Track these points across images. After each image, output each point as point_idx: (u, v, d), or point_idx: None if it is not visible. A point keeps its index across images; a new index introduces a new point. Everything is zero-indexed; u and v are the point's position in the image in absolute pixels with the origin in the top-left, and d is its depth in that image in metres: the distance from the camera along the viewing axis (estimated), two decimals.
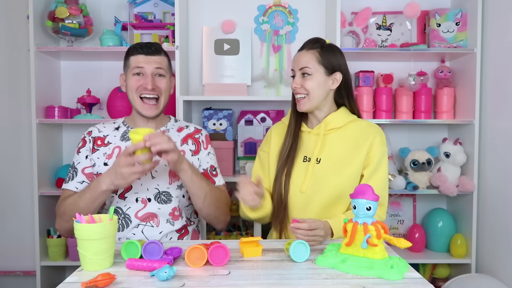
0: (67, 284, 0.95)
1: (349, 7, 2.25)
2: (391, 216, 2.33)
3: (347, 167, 1.39)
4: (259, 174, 1.50)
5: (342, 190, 1.38)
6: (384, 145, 1.43)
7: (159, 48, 1.45)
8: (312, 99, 1.40)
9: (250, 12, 2.28)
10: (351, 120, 1.45)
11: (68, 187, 1.46)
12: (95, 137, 1.49)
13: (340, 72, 1.43)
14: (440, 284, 2.13)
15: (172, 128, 1.54)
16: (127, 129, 1.50)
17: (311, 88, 1.39)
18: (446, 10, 2.15)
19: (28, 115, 2.20)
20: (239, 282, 0.96)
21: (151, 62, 1.41)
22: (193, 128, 1.58)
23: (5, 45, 2.26)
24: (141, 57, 1.41)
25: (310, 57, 1.40)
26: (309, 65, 1.40)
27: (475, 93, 2.03)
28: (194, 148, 1.52)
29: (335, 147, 1.42)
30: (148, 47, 1.42)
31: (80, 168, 1.46)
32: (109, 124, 1.54)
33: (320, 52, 1.41)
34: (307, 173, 1.40)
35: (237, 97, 2.07)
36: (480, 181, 2.06)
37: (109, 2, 2.27)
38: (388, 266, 1.00)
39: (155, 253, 1.08)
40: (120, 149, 1.45)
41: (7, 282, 2.31)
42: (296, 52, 1.47)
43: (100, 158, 1.45)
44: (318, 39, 1.46)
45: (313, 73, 1.39)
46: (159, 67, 1.43)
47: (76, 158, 1.49)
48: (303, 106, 1.42)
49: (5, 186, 2.29)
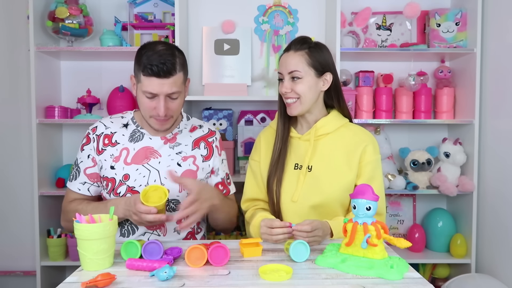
0: (67, 284, 0.95)
1: (349, 7, 2.25)
2: (391, 216, 2.33)
3: (339, 176, 1.35)
4: (252, 184, 1.48)
5: (334, 199, 1.36)
6: (377, 153, 1.40)
7: (174, 65, 1.28)
8: (303, 103, 1.35)
9: (250, 12, 2.28)
10: (343, 125, 1.41)
11: (71, 187, 1.44)
12: (101, 134, 1.42)
13: (330, 72, 1.38)
14: (440, 284, 2.13)
15: (185, 128, 1.49)
16: (136, 128, 1.44)
17: (302, 92, 1.34)
18: (446, 10, 2.15)
19: (28, 115, 2.20)
20: (239, 282, 0.96)
21: (165, 85, 1.28)
22: (207, 129, 1.52)
23: (5, 45, 2.26)
24: (154, 81, 1.27)
25: (299, 60, 1.34)
26: (298, 68, 1.33)
27: (475, 93, 2.03)
28: (205, 153, 1.47)
29: (326, 154, 1.38)
30: (161, 68, 1.25)
31: (83, 168, 1.43)
32: (117, 119, 1.47)
33: (308, 53, 1.34)
34: (299, 182, 1.37)
35: (237, 97, 2.07)
36: (480, 181, 2.06)
37: (109, 2, 2.27)
38: (388, 266, 1.00)
39: (155, 253, 1.08)
40: (128, 151, 1.40)
41: (7, 282, 2.31)
42: (282, 53, 1.40)
43: (107, 160, 1.40)
44: (304, 39, 1.38)
45: (303, 76, 1.33)
46: (173, 91, 1.30)
47: (79, 156, 1.44)
48: (294, 111, 1.37)
49: (5, 186, 2.29)
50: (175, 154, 1.42)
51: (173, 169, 1.39)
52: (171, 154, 1.42)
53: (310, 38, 1.39)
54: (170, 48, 1.31)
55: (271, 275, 0.97)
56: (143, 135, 1.42)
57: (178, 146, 1.44)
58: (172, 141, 1.44)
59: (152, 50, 1.28)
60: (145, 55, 1.28)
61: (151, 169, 1.39)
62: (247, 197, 1.49)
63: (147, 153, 1.40)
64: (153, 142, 1.42)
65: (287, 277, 0.97)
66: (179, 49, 1.36)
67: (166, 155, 1.41)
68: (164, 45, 1.31)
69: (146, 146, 1.41)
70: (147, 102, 1.31)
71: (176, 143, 1.44)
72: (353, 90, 2.14)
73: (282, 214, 1.40)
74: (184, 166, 1.42)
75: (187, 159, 1.43)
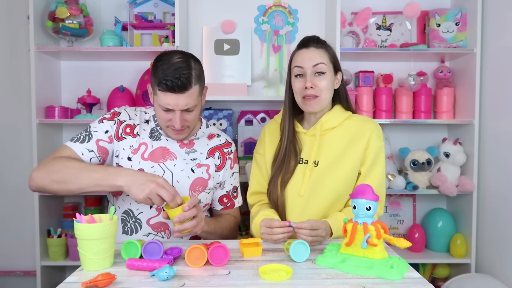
0: (67, 284, 0.95)
1: (349, 7, 2.25)
2: (391, 216, 2.33)
3: (343, 166, 1.36)
4: (258, 177, 1.48)
5: (340, 191, 1.37)
6: (381, 140, 1.40)
7: (189, 78, 1.26)
8: (323, 100, 1.37)
9: (250, 12, 2.28)
10: (347, 117, 1.43)
11: (73, 147, 1.33)
12: (123, 122, 1.40)
13: (340, 71, 1.42)
14: (440, 284, 2.13)
15: (203, 136, 1.48)
16: (155, 127, 1.43)
17: (325, 88, 1.35)
18: (446, 10, 2.15)
19: (28, 115, 2.20)
20: (239, 282, 0.96)
21: (180, 100, 1.26)
22: (224, 139, 1.51)
23: (5, 45, 2.26)
24: (169, 96, 1.25)
25: (324, 54, 1.36)
26: (324, 60, 1.35)
27: (475, 93, 2.03)
28: (219, 163, 1.47)
29: (332, 147, 1.39)
30: (176, 83, 1.23)
31: (95, 138, 1.35)
32: (140, 112, 1.45)
33: (328, 51, 1.38)
34: (305, 176, 1.37)
35: (237, 97, 2.07)
36: (480, 181, 2.06)
37: (109, 2, 2.27)
38: (388, 266, 1.00)
39: (155, 253, 1.08)
40: (147, 147, 1.38)
41: (7, 282, 2.31)
42: (297, 50, 1.40)
43: (126, 150, 1.37)
44: (318, 38, 1.41)
45: (327, 71, 1.35)
46: (188, 106, 1.29)
47: (95, 125, 1.38)
48: (315, 106, 1.36)
49: (5, 186, 2.30)
50: (190, 160, 1.42)
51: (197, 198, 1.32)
52: (186, 159, 1.41)
53: None
54: (186, 59, 1.29)
55: (271, 275, 0.97)
56: (160, 135, 1.42)
57: (194, 153, 1.43)
58: (188, 146, 1.44)
59: (168, 63, 1.26)
60: (161, 68, 1.25)
61: (166, 170, 1.38)
62: (252, 190, 1.50)
63: (164, 153, 1.40)
64: (170, 144, 1.42)
65: (287, 277, 0.97)
66: (196, 58, 1.35)
67: (182, 159, 1.41)
68: (180, 56, 1.29)
69: (164, 147, 1.41)
70: (163, 115, 1.31)
71: (192, 149, 1.44)
72: (353, 90, 2.14)
73: (287, 209, 1.40)
74: (197, 173, 1.41)
75: (201, 166, 1.43)
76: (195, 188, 1.40)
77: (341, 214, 1.33)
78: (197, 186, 1.41)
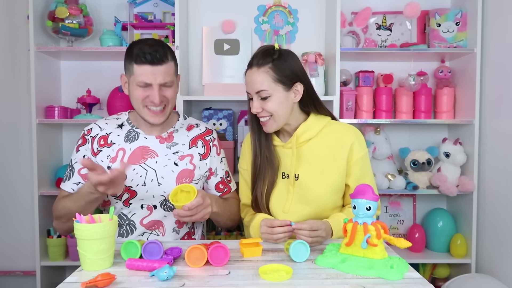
0: (67, 284, 0.95)
1: (349, 7, 2.25)
2: (391, 216, 2.33)
3: (328, 178, 1.33)
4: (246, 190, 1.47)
5: (325, 205, 1.35)
6: (364, 148, 1.37)
7: (165, 53, 1.32)
8: (278, 119, 1.31)
9: (250, 12, 2.28)
10: (325, 125, 1.36)
11: (65, 188, 1.41)
12: (96, 136, 1.41)
13: (299, 82, 1.31)
14: (440, 284, 2.13)
15: (181, 127, 1.48)
16: (131, 128, 1.43)
17: (274, 110, 1.28)
18: (446, 10, 2.15)
19: (28, 115, 2.20)
20: (239, 282, 0.96)
21: (158, 74, 1.29)
22: (204, 128, 1.51)
23: (5, 45, 2.26)
24: (147, 69, 1.28)
25: (264, 77, 1.26)
26: (264, 87, 1.27)
27: (475, 93, 2.03)
28: (203, 151, 1.47)
29: (311, 159, 1.35)
30: (154, 55, 1.28)
31: (77, 168, 1.40)
32: (111, 120, 1.47)
33: (272, 68, 1.27)
34: (289, 193, 1.35)
35: (237, 97, 2.07)
36: (480, 181, 2.06)
37: (109, 2, 2.27)
38: (388, 266, 1.00)
39: (155, 253, 1.08)
40: (125, 151, 1.39)
41: (7, 282, 2.31)
42: (246, 69, 1.33)
43: (104, 161, 1.39)
44: (267, 50, 1.29)
45: (271, 94, 1.27)
46: (166, 80, 1.32)
47: (74, 157, 1.43)
48: (270, 128, 1.32)
49: (5, 186, 2.29)
50: (172, 154, 1.42)
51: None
52: (168, 154, 1.42)
53: (273, 47, 1.31)
54: (159, 41, 1.36)
55: (271, 275, 0.97)
56: (138, 135, 1.42)
57: (175, 146, 1.43)
58: (168, 141, 1.44)
59: (142, 43, 1.33)
60: (136, 47, 1.31)
61: (148, 169, 1.39)
62: (242, 202, 1.50)
63: (144, 153, 1.40)
64: (149, 142, 1.42)
65: (287, 277, 0.97)
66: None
67: (163, 155, 1.41)
68: (153, 40, 1.37)
69: (142, 146, 1.41)
70: (141, 92, 1.32)
71: (173, 143, 1.44)
72: (353, 90, 2.14)
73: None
74: (181, 166, 1.42)
75: (184, 158, 1.43)
76: (181, 181, 1.40)
77: (342, 214, 1.33)
78: (183, 178, 1.41)
